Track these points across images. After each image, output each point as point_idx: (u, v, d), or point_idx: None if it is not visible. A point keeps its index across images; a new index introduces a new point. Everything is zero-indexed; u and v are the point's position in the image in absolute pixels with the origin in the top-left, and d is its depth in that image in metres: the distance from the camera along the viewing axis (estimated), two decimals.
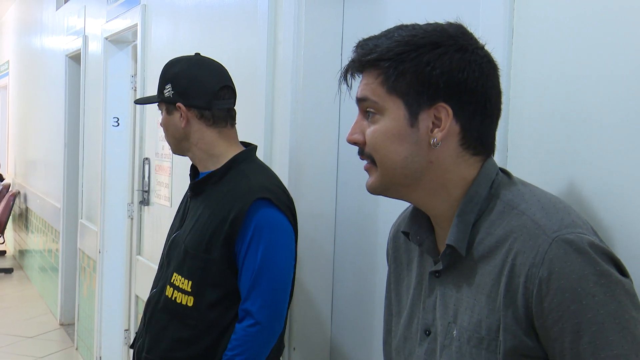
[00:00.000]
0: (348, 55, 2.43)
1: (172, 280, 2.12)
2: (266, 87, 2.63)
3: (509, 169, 1.34)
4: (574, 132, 1.39)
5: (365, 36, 2.44)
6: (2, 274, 8.70)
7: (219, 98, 2.17)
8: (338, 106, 2.49)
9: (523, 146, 1.49)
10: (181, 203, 2.34)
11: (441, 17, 1.31)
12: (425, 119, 1.20)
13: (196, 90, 2.16)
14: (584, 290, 1.08)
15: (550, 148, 1.44)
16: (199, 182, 2.17)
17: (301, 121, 2.48)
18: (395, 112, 1.21)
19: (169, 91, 2.15)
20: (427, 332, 1.28)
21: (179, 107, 2.14)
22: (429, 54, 1.18)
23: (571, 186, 1.38)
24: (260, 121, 2.65)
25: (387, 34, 1.24)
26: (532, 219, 1.15)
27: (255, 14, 2.76)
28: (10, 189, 9.51)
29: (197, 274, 2.07)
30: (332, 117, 2.49)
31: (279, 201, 2.10)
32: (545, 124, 1.46)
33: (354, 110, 2.34)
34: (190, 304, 2.07)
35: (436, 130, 1.20)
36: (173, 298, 2.10)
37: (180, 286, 2.09)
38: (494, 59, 1.24)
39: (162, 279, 2.19)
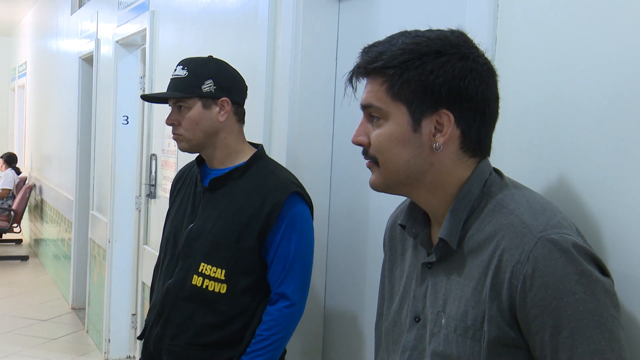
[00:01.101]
0: (342, 59, 2.44)
1: (200, 270, 2.08)
2: (266, 88, 2.63)
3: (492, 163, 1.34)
4: (553, 128, 1.39)
5: (358, 41, 2.44)
6: (18, 261, 8.70)
7: (246, 97, 2.20)
8: (332, 106, 2.49)
9: (505, 142, 1.48)
10: (182, 197, 2.25)
11: (429, 23, 1.31)
12: (427, 125, 1.19)
13: (237, 87, 2.16)
14: (565, 288, 1.07)
15: (532, 143, 1.44)
16: (221, 178, 2.13)
17: (298, 120, 2.48)
18: (399, 117, 1.20)
19: (209, 86, 2.09)
20: (417, 319, 1.28)
21: (222, 102, 2.11)
22: (433, 63, 1.16)
23: (552, 179, 1.38)
24: (260, 120, 2.64)
25: (391, 40, 1.21)
26: (520, 218, 1.14)
27: (255, 20, 2.75)
28: (26, 182, 9.50)
29: (231, 263, 2.06)
30: (327, 117, 2.49)
31: (306, 195, 2.13)
32: (527, 120, 1.46)
33: (348, 110, 2.35)
34: (223, 291, 2.06)
35: (438, 135, 1.19)
36: (204, 287, 2.07)
37: (212, 275, 2.06)
38: (493, 66, 1.23)
39: (181, 270, 2.12)
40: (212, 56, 2.25)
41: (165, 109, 3.97)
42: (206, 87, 2.09)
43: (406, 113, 1.19)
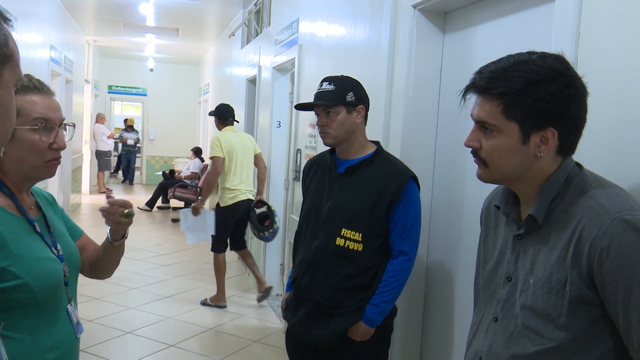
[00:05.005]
0: (445, 79, 2.37)
1: (342, 234, 2.08)
2: (385, 101, 2.60)
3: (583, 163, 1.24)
4: (632, 133, 1.28)
5: (459, 65, 2.34)
6: None
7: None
8: (436, 116, 2.42)
9: (591, 146, 1.38)
10: (317, 180, 2.22)
11: (519, 50, 1.23)
12: (534, 138, 1.13)
13: (366, 97, 2.17)
14: (636, 259, 1.00)
15: (615, 150, 1.34)
16: (355, 166, 2.13)
17: (410, 126, 2.43)
18: (511, 132, 1.14)
19: (351, 97, 2.10)
20: (509, 279, 1.23)
21: (359, 108, 2.12)
22: (544, 91, 1.10)
23: (634, 175, 1.28)
24: (380, 125, 2.62)
25: (505, 66, 1.13)
26: (598, 202, 1.08)
27: (378, 50, 2.72)
28: (207, 168, 9.93)
29: (365, 228, 2.06)
30: (431, 124, 2.42)
31: (417, 180, 2.12)
32: (607, 126, 1.35)
33: (448, 119, 2.28)
34: (360, 249, 2.06)
35: (543, 146, 1.13)
36: (345, 246, 2.07)
37: (352, 237, 2.07)
38: (586, 87, 1.14)
39: (325, 234, 2.12)
40: (347, 75, 2.25)
41: (306, 117, 4.01)
42: (349, 97, 2.10)
43: (518, 130, 1.13)
